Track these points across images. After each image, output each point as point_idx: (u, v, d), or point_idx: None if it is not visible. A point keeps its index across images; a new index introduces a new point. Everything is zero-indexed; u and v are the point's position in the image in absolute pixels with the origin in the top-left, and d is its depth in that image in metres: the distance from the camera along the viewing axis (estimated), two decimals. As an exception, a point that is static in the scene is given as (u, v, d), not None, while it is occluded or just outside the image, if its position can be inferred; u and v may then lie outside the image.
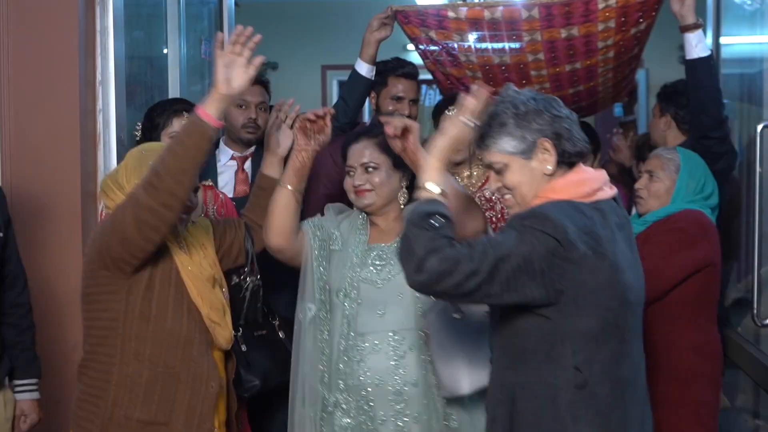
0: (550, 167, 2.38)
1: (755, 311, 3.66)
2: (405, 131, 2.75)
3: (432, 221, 2.21)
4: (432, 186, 2.30)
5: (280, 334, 3.28)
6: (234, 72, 2.61)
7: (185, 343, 2.74)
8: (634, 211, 3.60)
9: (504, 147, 2.38)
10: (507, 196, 2.45)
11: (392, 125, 2.75)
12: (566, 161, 2.39)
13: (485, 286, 2.19)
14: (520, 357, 2.34)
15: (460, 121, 2.36)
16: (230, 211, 3.49)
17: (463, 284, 2.18)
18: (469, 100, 2.38)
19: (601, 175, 2.44)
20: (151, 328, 2.71)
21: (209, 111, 2.58)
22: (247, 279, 3.10)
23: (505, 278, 2.20)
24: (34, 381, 3.18)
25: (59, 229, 3.42)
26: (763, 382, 3.79)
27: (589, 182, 2.39)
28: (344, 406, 2.87)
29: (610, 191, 2.43)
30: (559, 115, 2.39)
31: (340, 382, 2.87)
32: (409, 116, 3.84)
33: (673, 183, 3.35)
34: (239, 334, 3.20)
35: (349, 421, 2.87)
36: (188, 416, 2.74)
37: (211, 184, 3.62)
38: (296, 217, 2.92)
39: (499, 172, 2.42)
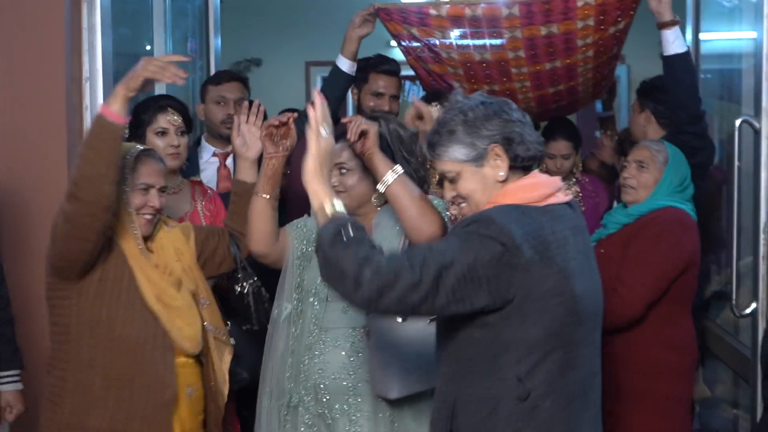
0: (502, 173, 2.31)
1: (734, 302, 3.72)
2: (363, 134, 2.77)
3: (343, 235, 2.12)
4: (326, 208, 2.20)
5: (269, 328, 3.31)
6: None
7: (137, 348, 2.69)
8: (615, 204, 3.65)
9: (455, 155, 2.33)
10: (462, 205, 2.38)
11: (350, 131, 2.79)
12: (519, 166, 2.34)
13: (431, 298, 2.11)
14: (462, 369, 2.26)
15: (314, 136, 2.27)
16: (219, 206, 3.50)
17: (408, 297, 2.09)
18: (311, 111, 2.30)
19: (555, 180, 2.38)
20: (101, 334, 2.67)
21: (116, 110, 2.55)
22: (245, 284, 3.11)
23: (450, 288, 2.11)
24: (17, 372, 3.19)
25: (44, 225, 3.41)
26: (742, 372, 3.83)
27: (541, 187, 2.33)
28: (306, 400, 2.89)
29: (563, 197, 2.36)
30: (510, 119, 2.34)
31: (302, 376, 2.90)
32: (389, 112, 3.88)
33: (660, 175, 3.39)
34: (227, 328, 3.23)
35: (309, 416, 2.89)
36: (144, 425, 2.69)
37: (200, 180, 3.64)
38: (274, 223, 2.94)
39: (452, 181, 2.36)
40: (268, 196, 2.90)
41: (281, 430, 2.93)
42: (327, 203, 2.21)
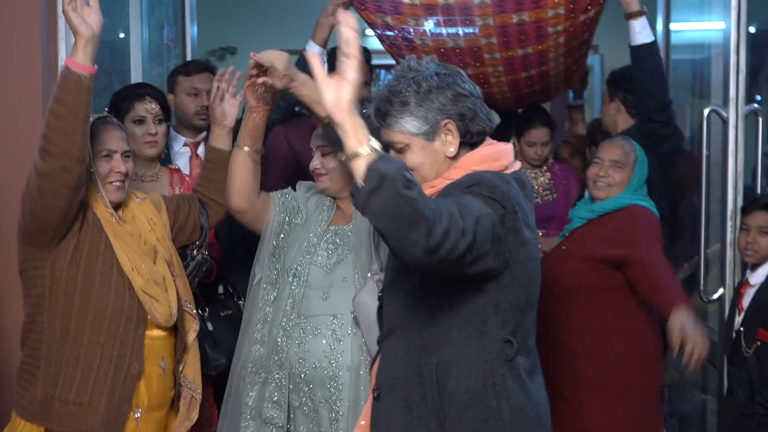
0: (453, 149, 2.28)
1: (702, 288, 3.78)
2: None
3: (407, 176, 1.92)
4: (374, 143, 1.95)
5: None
6: (84, 14, 2.51)
7: (111, 318, 2.66)
8: (587, 194, 3.69)
9: (406, 127, 2.27)
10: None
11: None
12: (469, 141, 2.30)
13: (469, 249, 2.01)
14: (443, 335, 2.24)
15: (356, 61, 1.95)
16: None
17: (458, 245, 1.97)
18: (350, 31, 1.94)
19: (511, 147, 2.37)
20: (76, 304, 2.64)
21: (79, 60, 2.49)
22: (195, 252, 3.05)
23: (480, 241, 2.05)
24: None
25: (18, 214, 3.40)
26: (710, 356, 3.90)
27: (505, 155, 2.32)
28: (276, 381, 2.88)
29: (518, 164, 2.37)
30: (463, 93, 2.27)
31: (276, 357, 2.88)
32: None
33: (632, 173, 3.44)
34: (206, 314, 3.25)
35: (279, 395, 2.88)
36: (110, 398, 2.66)
37: (177, 167, 3.65)
38: (256, 178, 2.91)
39: (400, 152, 2.30)
40: (248, 149, 2.88)
41: (246, 398, 2.91)
42: (372, 138, 1.95)
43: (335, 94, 1.95)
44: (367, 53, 4.01)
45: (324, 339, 2.86)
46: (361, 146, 1.93)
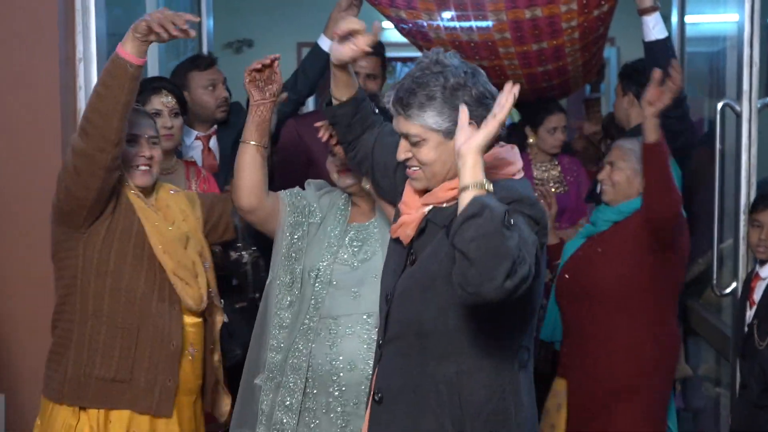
0: None
1: (715, 282, 3.78)
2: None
3: (508, 217, 1.95)
4: (486, 185, 2.01)
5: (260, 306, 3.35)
6: (159, 23, 2.58)
7: (142, 299, 2.71)
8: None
9: (427, 121, 2.21)
10: (414, 168, 2.28)
11: (323, 129, 2.78)
12: None
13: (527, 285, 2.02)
14: (466, 345, 2.20)
15: (498, 123, 2.07)
16: (212, 186, 3.54)
17: (523, 287, 1.98)
18: (510, 99, 2.08)
19: (518, 150, 2.34)
20: (108, 285, 2.70)
21: (127, 49, 2.57)
22: (244, 253, 3.11)
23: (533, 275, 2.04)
24: None
25: (39, 206, 3.41)
26: (724, 350, 3.91)
27: (517, 158, 2.29)
28: (291, 385, 2.83)
29: (522, 170, 2.33)
30: (486, 95, 2.23)
31: (292, 361, 2.83)
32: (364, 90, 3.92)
33: (635, 172, 3.38)
34: (221, 306, 3.28)
35: (290, 401, 2.82)
36: (149, 373, 2.71)
37: (194, 160, 3.67)
38: (264, 173, 2.85)
39: (415, 145, 2.25)
40: (256, 143, 2.82)
41: (261, 404, 2.87)
42: (486, 180, 2.03)
43: (469, 135, 2.06)
44: (380, 46, 4.02)
45: (358, 339, 2.80)
46: (475, 180, 2.01)
